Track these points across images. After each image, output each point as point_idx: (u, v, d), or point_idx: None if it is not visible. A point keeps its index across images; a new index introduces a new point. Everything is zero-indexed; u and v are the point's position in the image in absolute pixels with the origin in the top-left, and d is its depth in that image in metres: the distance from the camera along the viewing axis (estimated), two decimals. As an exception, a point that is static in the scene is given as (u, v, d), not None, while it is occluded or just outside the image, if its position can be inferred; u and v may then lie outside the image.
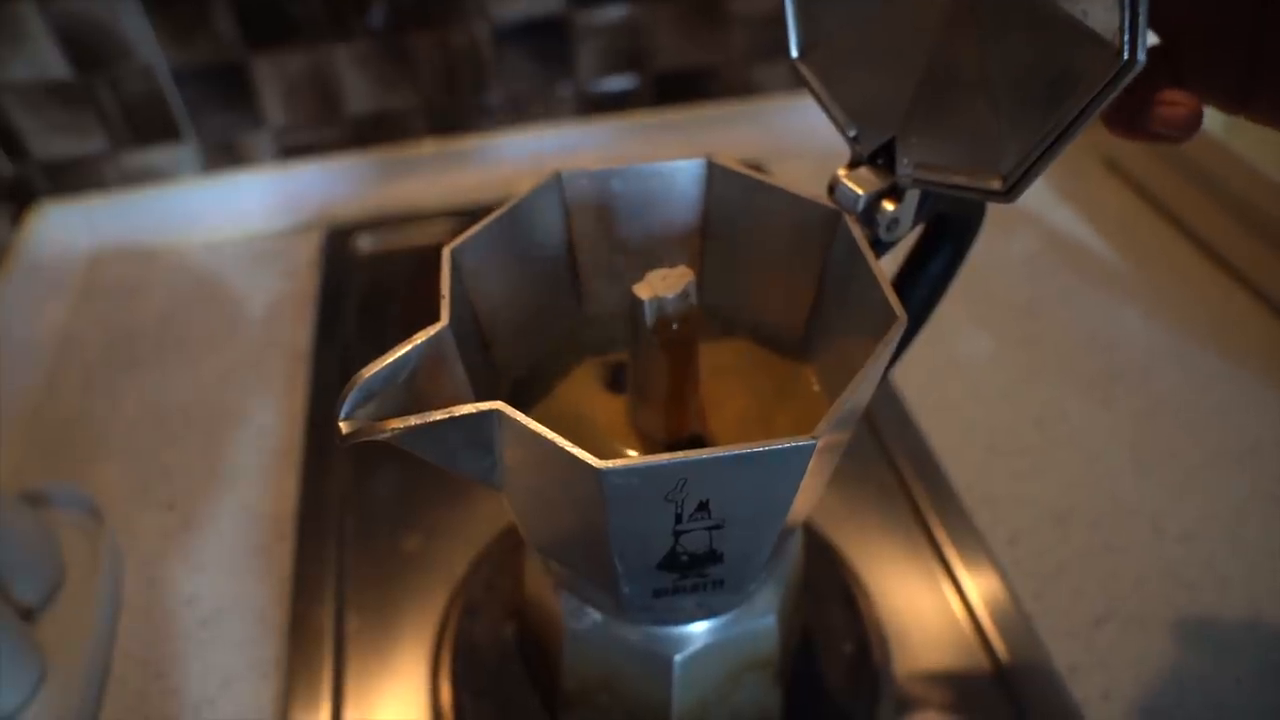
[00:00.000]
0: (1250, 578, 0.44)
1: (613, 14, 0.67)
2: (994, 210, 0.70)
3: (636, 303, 0.25)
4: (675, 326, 0.25)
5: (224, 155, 0.69)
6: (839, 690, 0.39)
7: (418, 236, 0.67)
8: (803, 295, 0.29)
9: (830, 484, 0.48)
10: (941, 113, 0.24)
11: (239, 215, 0.69)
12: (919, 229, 0.31)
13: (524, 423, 0.21)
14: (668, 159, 0.30)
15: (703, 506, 0.22)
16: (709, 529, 0.23)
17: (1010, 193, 0.23)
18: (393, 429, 0.21)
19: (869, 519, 0.47)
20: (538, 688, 0.38)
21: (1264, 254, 0.59)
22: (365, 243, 0.67)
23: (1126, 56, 0.18)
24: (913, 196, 0.27)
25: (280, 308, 0.62)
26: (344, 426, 0.22)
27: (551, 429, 0.23)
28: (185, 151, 0.68)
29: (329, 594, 0.45)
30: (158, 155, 0.67)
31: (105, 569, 0.45)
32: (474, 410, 0.21)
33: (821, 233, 0.28)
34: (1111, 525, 0.47)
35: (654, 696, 0.31)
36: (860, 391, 0.23)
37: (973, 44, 0.24)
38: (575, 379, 0.31)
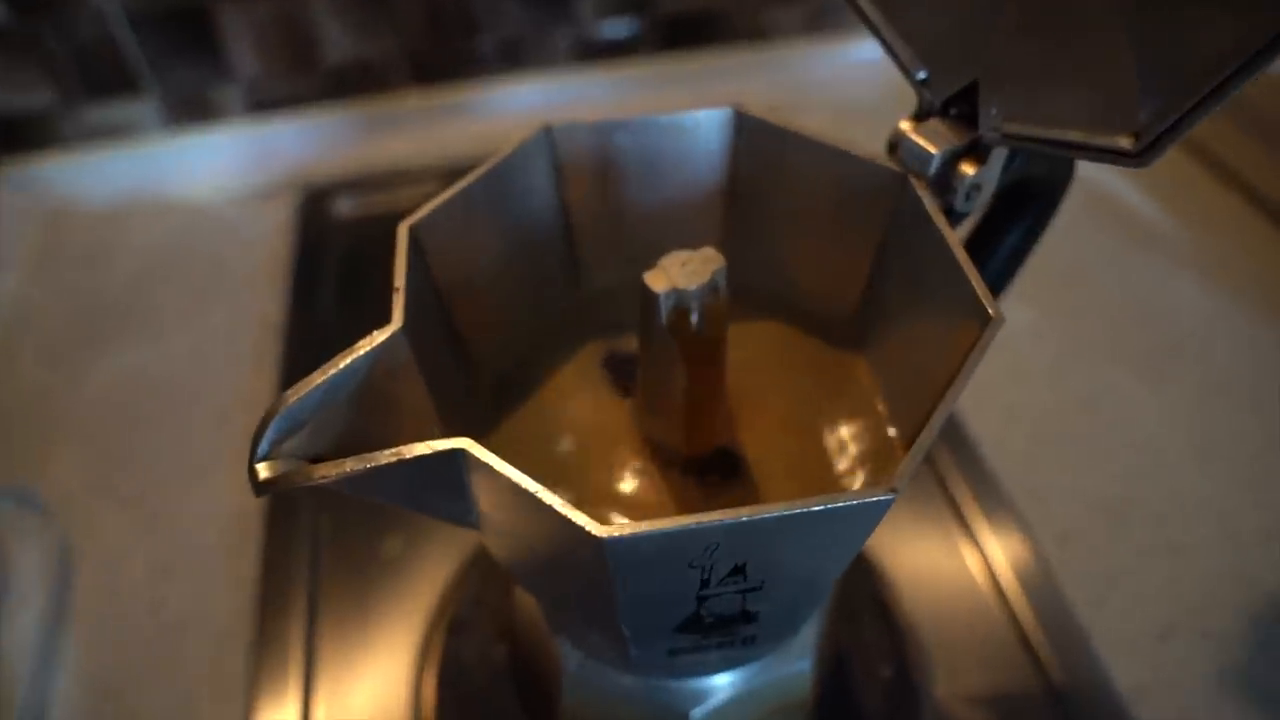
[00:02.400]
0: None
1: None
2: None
3: (649, 296, 0.19)
4: (698, 325, 0.20)
5: (189, 110, 0.62)
6: (875, 716, 0.34)
7: (402, 198, 0.60)
8: (854, 277, 0.23)
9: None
10: (1049, 50, 0.18)
11: (207, 175, 0.63)
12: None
13: (499, 469, 0.15)
14: (682, 109, 0.24)
15: (738, 570, 0.17)
16: (743, 592, 0.18)
17: (1144, 155, 0.17)
18: (324, 476, 0.16)
19: (901, 519, 0.41)
20: (530, 716, 0.32)
21: (1334, 214, 0.52)
22: (344, 205, 0.61)
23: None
24: (999, 157, 0.21)
25: (252, 276, 0.56)
26: (261, 470, 0.16)
27: (543, 436, 0.17)
28: (147, 106, 0.61)
29: (299, 605, 0.39)
30: (116, 110, 0.61)
31: (52, 575, 0.40)
32: (430, 451, 0.16)
33: (880, 201, 0.22)
34: (1175, 522, 0.42)
35: (667, 752, 0.26)
36: (944, 414, 0.17)
37: None
38: (571, 373, 0.25)
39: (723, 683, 0.25)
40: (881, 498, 0.15)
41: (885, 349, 0.23)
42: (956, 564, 0.40)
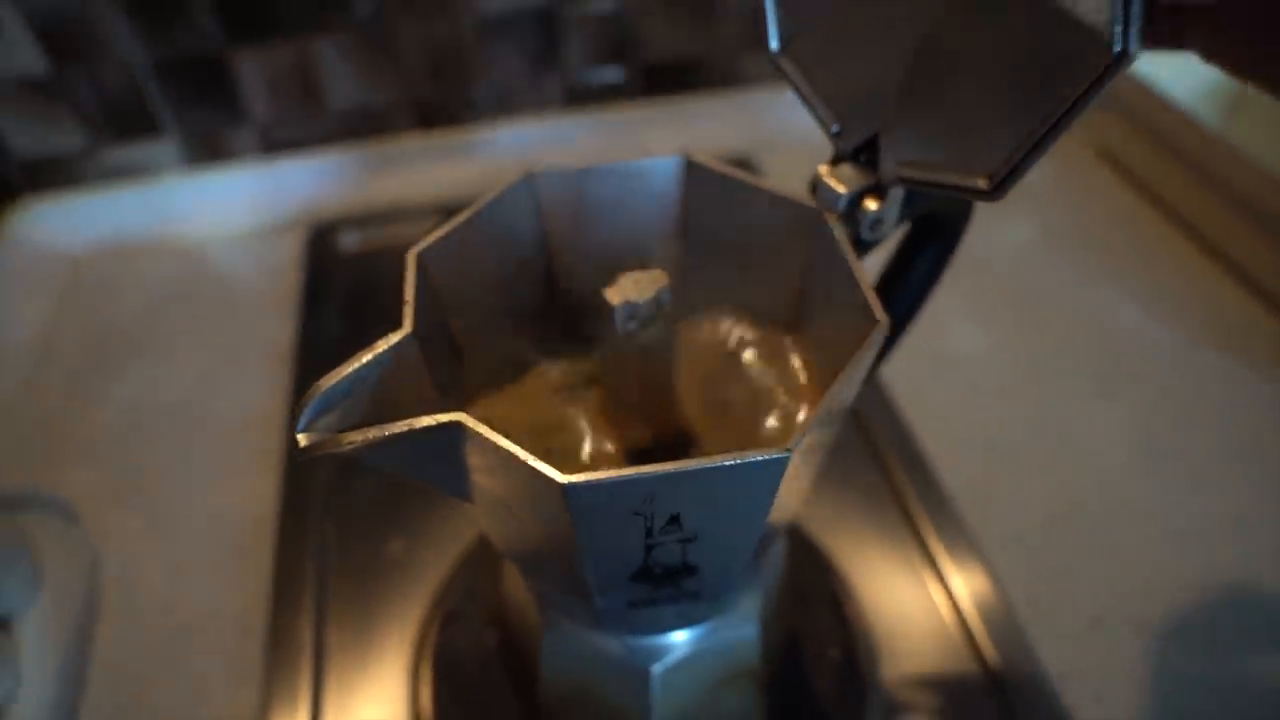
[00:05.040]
0: (1257, 579, 0.44)
1: (600, 5, 0.66)
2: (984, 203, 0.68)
3: (606, 308, 0.25)
4: (648, 331, 0.25)
5: (206, 150, 0.68)
6: (825, 696, 0.38)
7: (404, 233, 0.66)
8: (787, 295, 0.28)
9: (817, 487, 0.47)
10: (927, 107, 0.24)
11: (221, 212, 0.68)
12: (905, 227, 0.30)
13: (486, 435, 0.20)
14: (652, 153, 0.29)
15: (674, 520, 0.22)
16: (681, 542, 0.23)
17: (995, 191, 0.22)
18: (351, 442, 0.21)
19: (857, 522, 0.46)
20: (519, 697, 0.37)
21: (1262, 249, 0.58)
22: (350, 240, 0.66)
23: (1119, 49, 0.17)
24: (896, 195, 0.26)
25: (263, 307, 0.62)
26: (302, 439, 0.21)
27: (529, 434, 0.22)
28: (166, 147, 0.67)
29: (309, 601, 0.44)
30: (138, 151, 0.67)
31: (81, 576, 0.45)
32: (435, 422, 0.21)
33: (803, 232, 0.27)
34: (1110, 525, 0.47)
35: (633, 707, 0.31)
36: (839, 396, 0.22)
37: (962, 34, 0.23)
38: (552, 381, 0.30)
39: (679, 640, 0.30)
40: (778, 455, 0.20)
41: (814, 356, 0.28)
42: (904, 563, 0.45)
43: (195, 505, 0.49)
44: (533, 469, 0.20)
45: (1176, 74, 0.65)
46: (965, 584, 0.43)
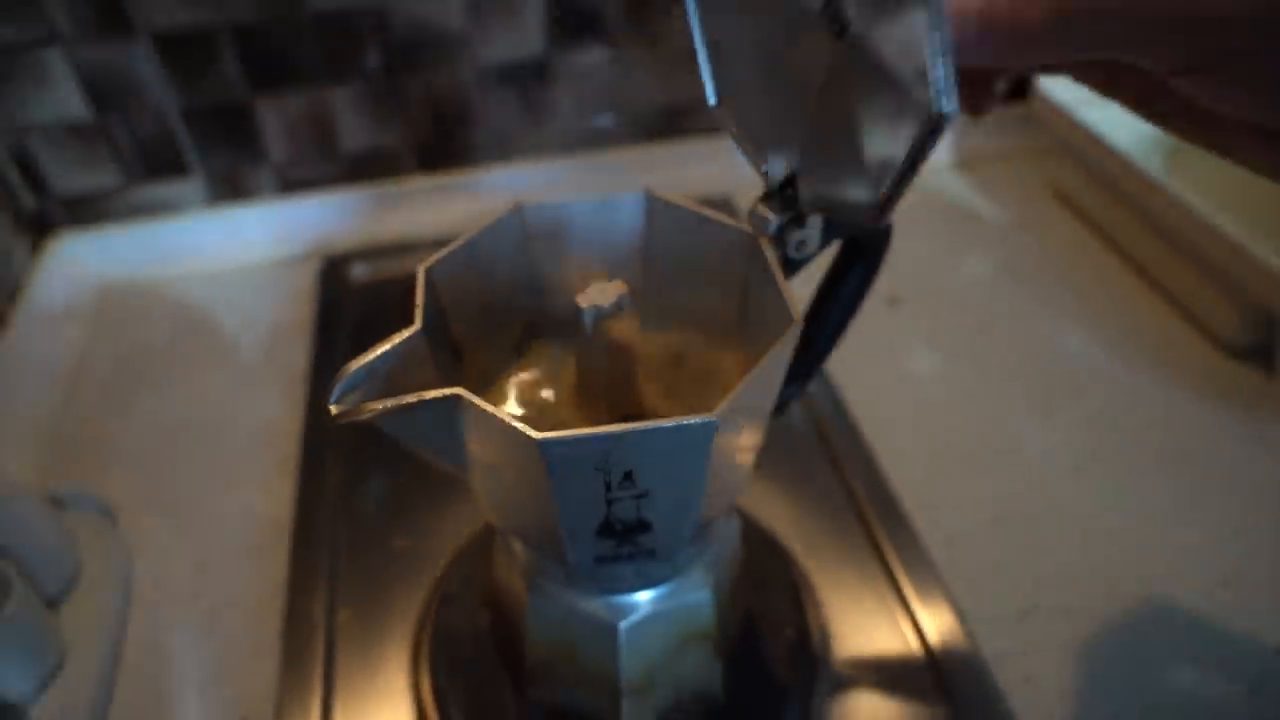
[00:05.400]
0: (1168, 573, 0.49)
1: (591, 58, 0.73)
2: (949, 237, 0.76)
3: (578, 310, 0.31)
4: (611, 329, 0.31)
5: (228, 189, 0.75)
6: (780, 670, 0.44)
7: (409, 266, 0.71)
8: (731, 306, 0.34)
9: (780, 490, 0.53)
10: (828, 149, 0.30)
11: (241, 245, 0.75)
12: (835, 249, 0.36)
13: (479, 404, 0.26)
14: (620, 192, 0.35)
15: (629, 477, 0.27)
16: (635, 498, 0.28)
17: (880, 216, 0.28)
18: (372, 410, 0.27)
19: (816, 523, 0.52)
20: (507, 667, 0.42)
21: (1195, 283, 0.64)
22: (359, 271, 0.73)
23: (936, 110, 0.23)
24: (816, 221, 0.32)
25: (279, 332, 0.68)
26: (333, 409, 0.27)
27: (515, 419, 0.28)
28: (192, 186, 0.74)
29: (321, 588, 0.49)
30: (166, 189, 0.73)
31: (118, 565, 0.50)
32: (439, 395, 0.26)
33: (743, 254, 0.33)
34: (1045, 526, 0.52)
35: (605, 663, 0.36)
36: (759, 381, 0.28)
37: (840, 93, 0.29)
38: (532, 365, 0.37)
39: (642, 600, 0.35)
40: (705, 420, 0.26)
41: (749, 350, 0.34)
42: (857, 558, 0.50)
43: (219, 507, 0.55)
44: (515, 429, 0.25)
45: (1120, 124, 0.71)
46: (910, 576, 0.49)
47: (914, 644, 0.46)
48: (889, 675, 0.45)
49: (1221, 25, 0.24)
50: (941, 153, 0.83)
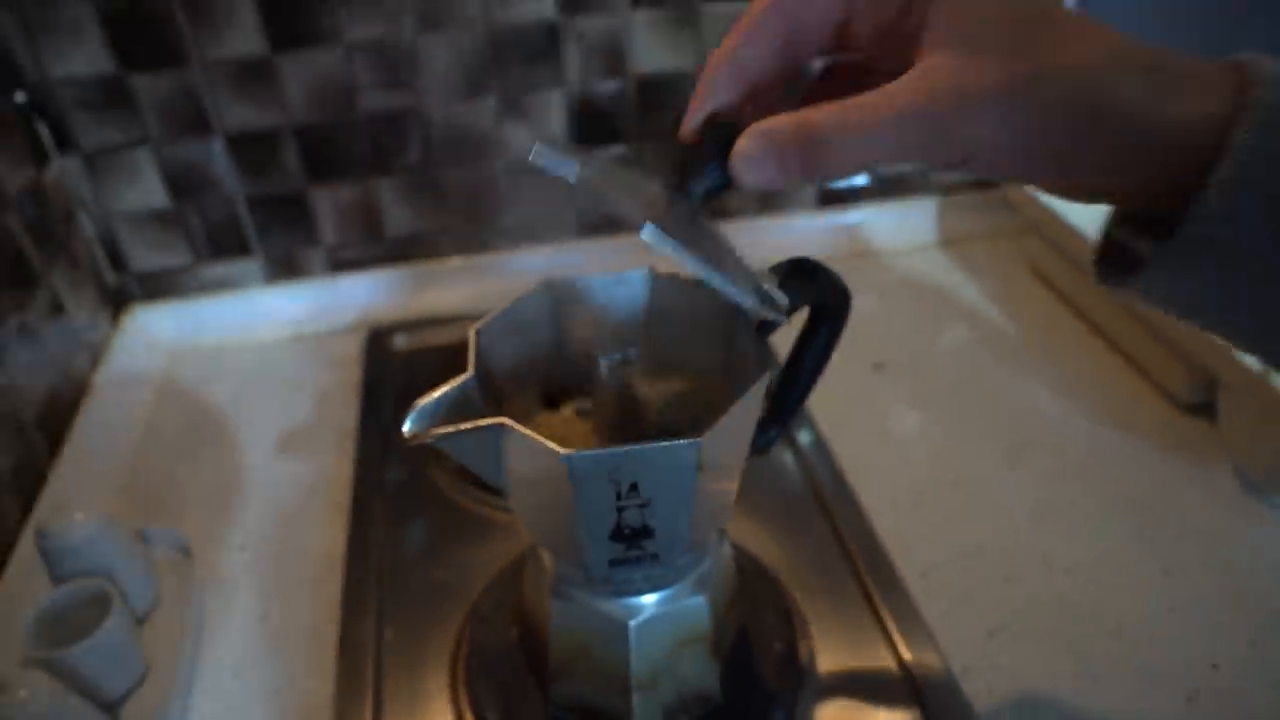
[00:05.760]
0: (1118, 601, 0.56)
1: (607, 154, 0.83)
2: (932, 309, 0.85)
3: (595, 363, 0.39)
4: (623, 378, 0.39)
5: (284, 268, 0.84)
6: (770, 677, 0.50)
7: (445, 336, 0.81)
8: (718, 359, 0.43)
9: (774, 529, 0.60)
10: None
11: (295, 318, 0.84)
12: (805, 315, 0.45)
13: (518, 428, 0.34)
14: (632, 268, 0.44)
15: (634, 488, 0.35)
16: (640, 506, 0.36)
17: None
18: (435, 435, 0.35)
19: (805, 557, 0.59)
20: (533, 672, 0.49)
21: (1151, 347, 0.72)
22: (401, 341, 0.82)
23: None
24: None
25: (330, 394, 0.77)
26: (406, 433, 0.35)
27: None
28: (253, 265, 0.83)
29: (370, 614, 0.57)
30: (230, 268, 0.83)
31: (194, 592, 0.58)
32: (488, 422, 0.35)
33: (727, 316, 0.41)
34: (1010, 561, 0.59)
35: (617, 659, 0.44)
36: (737, 414, 0.36)
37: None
38: (563, 415, 0.45)
39: (648, 603, 0.43)
40: (689, 441, 0.34)
41: (733, 391, 0.42)
42: (841, 586, 0.57)
43: (280, 544, 0.63)
44: (546, 447, 0.34)
45: (1081, 210, 0.80)
46: (887, 602, 0.56)
47: (890, 660, 0.53)
48: (868, 685, 0.52)
49: (951, 140, 0.30)
50: (928, 233, 0.93)
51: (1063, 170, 0.31)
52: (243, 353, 0.82)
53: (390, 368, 0.79)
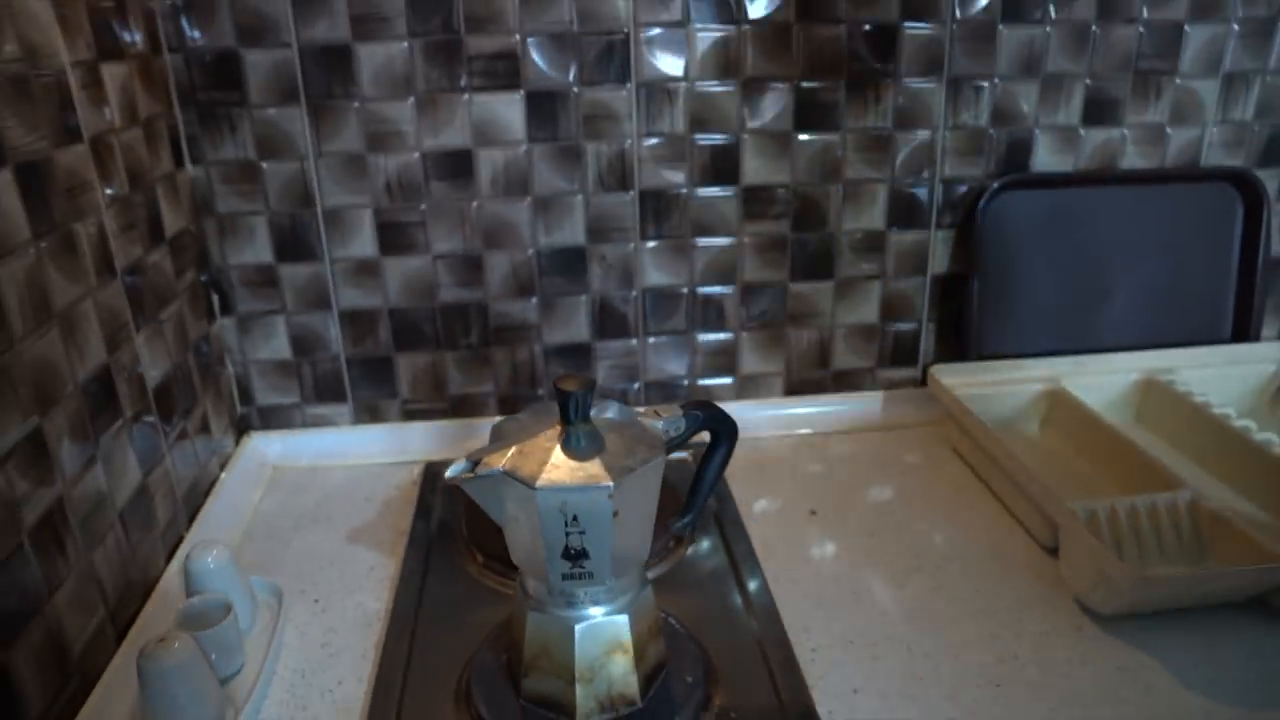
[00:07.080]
0: (960, 678, 0.76)
1: (620, 345, 1.12)
2: (866, 476, 1.10)
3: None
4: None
5: (369, 413, 1.13)
6: (680, 697, 0.72)
7: (482, 470, 1.07)
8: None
9: (703, 611, 0.83)
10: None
11: (373, 451, 1.12)
12: (706, 436, 0.70)
13: (508, 471, 0.60)
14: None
15: (575, 518, 0.60)
16: (580, 533, 0.60)
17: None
18: (462, 479, 0.60)
19: (726, 629, 0.81)
20: (511, 679, 0.72)
21: (1026, 503, 0.94)
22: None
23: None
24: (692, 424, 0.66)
25: (392, 506, 1.03)
26: (449, 478, 0.61)
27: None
28: (345, 408, 1.12)
29: (403, 651, 0.80)
30: (327, 409, 1.12)
31: (279, 622, 0.82)
32: (493, 469, 0.60)
33: (650, 432, 0.67)
34: (880, 646, 0.80)
35: (566, 655, 0.66)
36: (641, 475, 0.61)
37: None
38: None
39: (589, 614, 0.66)
40: (604, 484, 0.58)
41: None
42: (749, 649, 0.78)
43: (343, 602, 0.88)
44: (523, 483, 0.59)
45: (985, 403, 1.05)
46: (781, 669, 0.77)
47: (775, 703, 0.74)
48: (755, 713, 0.73)
49: None
50: (873, 418, 1.18)
51: None
52: (330, 472, 1.10)
53: (440, 492, 1.05)
